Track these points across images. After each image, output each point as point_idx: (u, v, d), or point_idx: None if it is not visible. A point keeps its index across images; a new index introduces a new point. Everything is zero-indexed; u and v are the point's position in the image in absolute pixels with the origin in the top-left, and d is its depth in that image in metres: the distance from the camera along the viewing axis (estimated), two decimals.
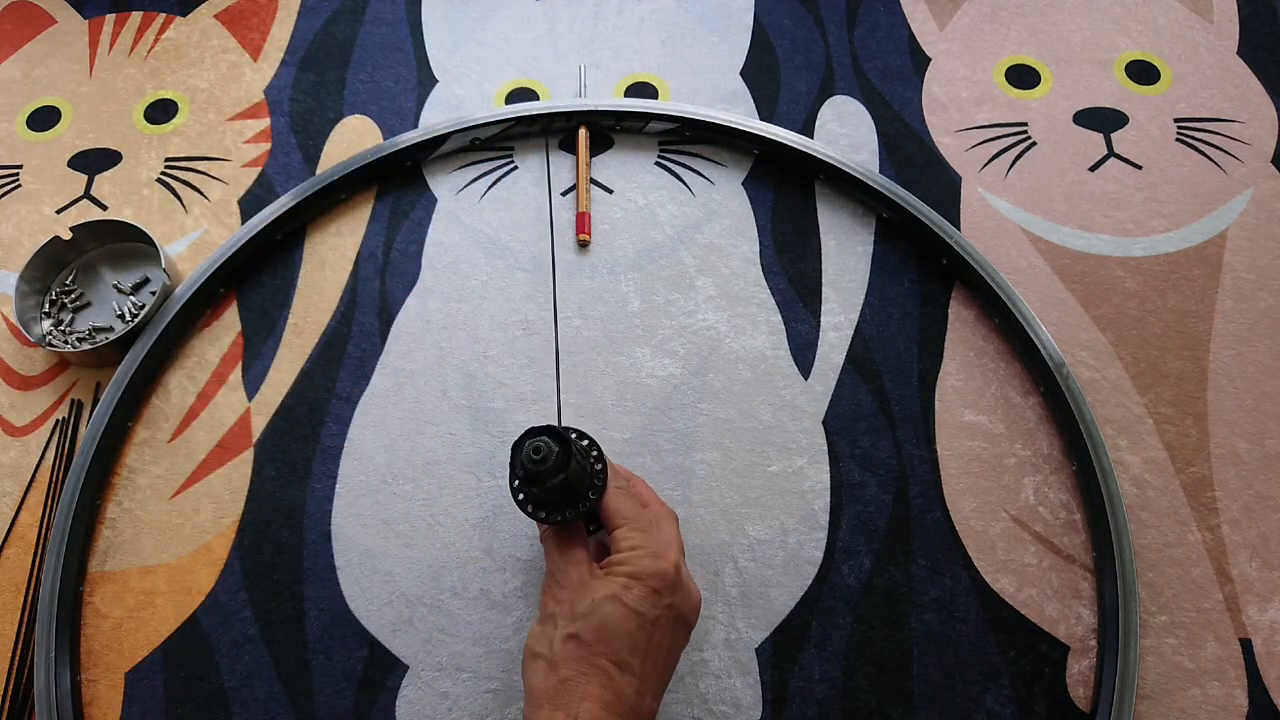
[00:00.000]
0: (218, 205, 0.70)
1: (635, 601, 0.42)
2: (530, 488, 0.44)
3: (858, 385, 0.61)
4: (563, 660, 0.41)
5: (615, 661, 0.41)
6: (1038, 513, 0.57)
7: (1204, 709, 0.51)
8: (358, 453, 0.60)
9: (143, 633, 0.55)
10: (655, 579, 0.43)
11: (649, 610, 0.42)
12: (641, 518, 0.46)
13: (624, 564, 0.43)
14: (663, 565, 0.43)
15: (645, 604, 0.42)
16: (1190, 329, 0.63)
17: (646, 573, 0.43)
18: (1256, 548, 0.55)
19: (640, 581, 0.42)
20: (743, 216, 0.68)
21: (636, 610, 0.42)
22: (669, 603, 0.43)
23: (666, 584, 0.43)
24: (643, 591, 0.42)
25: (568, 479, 0.43)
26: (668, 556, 0.44)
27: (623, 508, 0.46)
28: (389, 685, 0.53)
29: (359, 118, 0.74)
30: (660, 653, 0.43)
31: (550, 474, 0.42)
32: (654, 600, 0.42)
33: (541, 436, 0.43)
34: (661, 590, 0.43)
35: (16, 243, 0.69)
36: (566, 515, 0.45)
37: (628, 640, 0.41)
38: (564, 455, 0.43)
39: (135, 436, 0.61)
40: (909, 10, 0.80)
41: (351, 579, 0.56)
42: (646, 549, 0.44)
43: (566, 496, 0.45)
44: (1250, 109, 0.73)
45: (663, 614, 0.43)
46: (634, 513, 0.46)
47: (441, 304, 0.65)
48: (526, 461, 0.42)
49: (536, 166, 0.71)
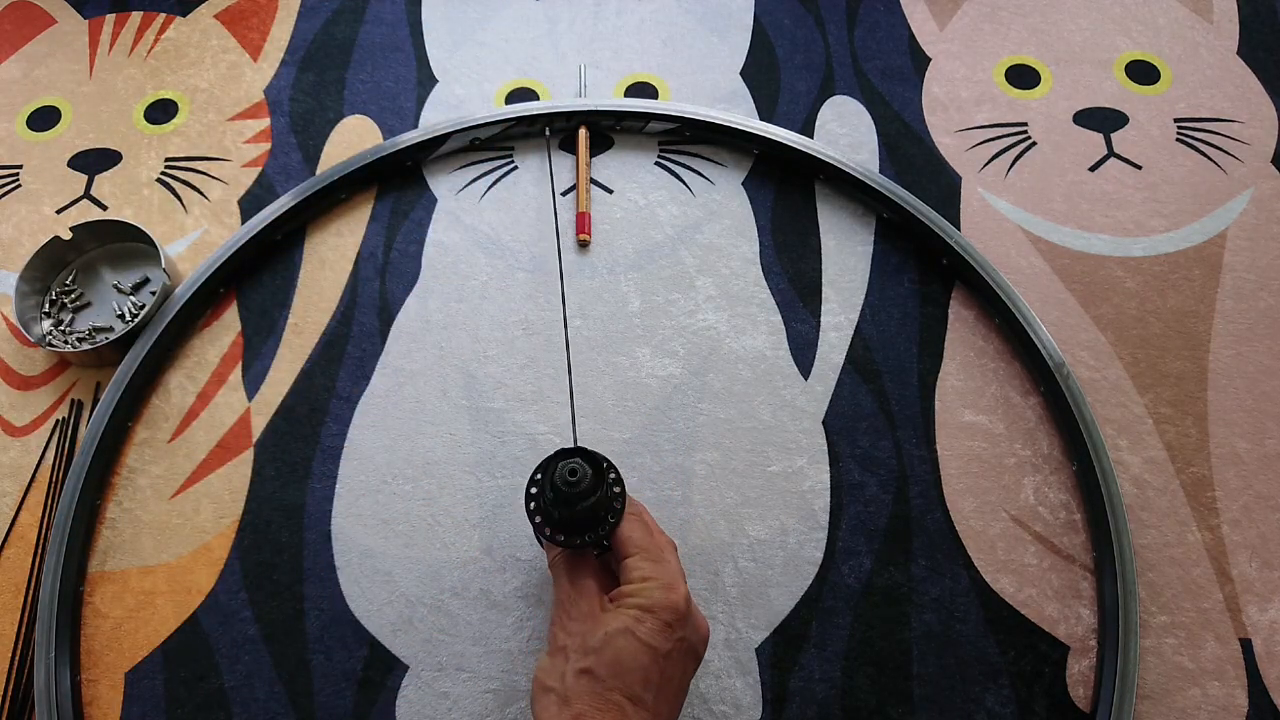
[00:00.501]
0: (218, 205, 0.70)
1: (648, 635, 0.41)
2: (560, 509, 0.43)
3: (858, 385, 0.61)
4: (575, 695, 0.41)
5: (629, 696, 0.40)
6: (1038, 513, 0.57)
7: (1204, 709, 0.51)
8: (358, 453, 0.60)
9: (143, 633, 0.55)
10: (667, 612, 0.42)
11: (661, 644, 0.42)
12: (652, 547, 0.45)
13: (635, 595, 0.43)
14: (674, 598, 0.43)
15: (658, 638, 0.42)
16: (1190, 329, 0.63)
17: (659, 605, 0.42)
18: (1256, 548, 0.55)
19: (653, 615, 0.42)
20: (743, 216, 0.68)
21: (649, 644, 0.41)
22: (680, 636, 0.42)
23: (678, 617, 0.42)
24: (655, 625, 0.42)
25: (595, 503, 0.43)
26: (678, 589, 0.43)
27: (634, 535, 0.45)
28: (389, 685, 0.53)
29: (359, 118, 0.74)
30: (672, 685, 0.42)
31: (583, 497, 0.42)
32: (666, 634, 0.42)
33: (575, 459, 0.42)
34: (673, 624, 0.42)
35: (16, 243, 0.69)
36: (586, 540, 0.44)
37: (641, 675, 0.41)
38: (597, 478, 0.42)
39: (135, 436, 0.61)
40: (909, 10, 0.80)
41: (351, 579, 0.56)
42: (659, 581, 0.43)
43: (588, 521, 0.44)
44: (1250, 109, 0.73)
45: (675, 647, 0.42)
46: (646, 542, 0.45)
47: (441, 304, 0.65)
48: (560, 483, 0.42)
49: (536, 166, 0.71)
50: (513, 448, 0.60)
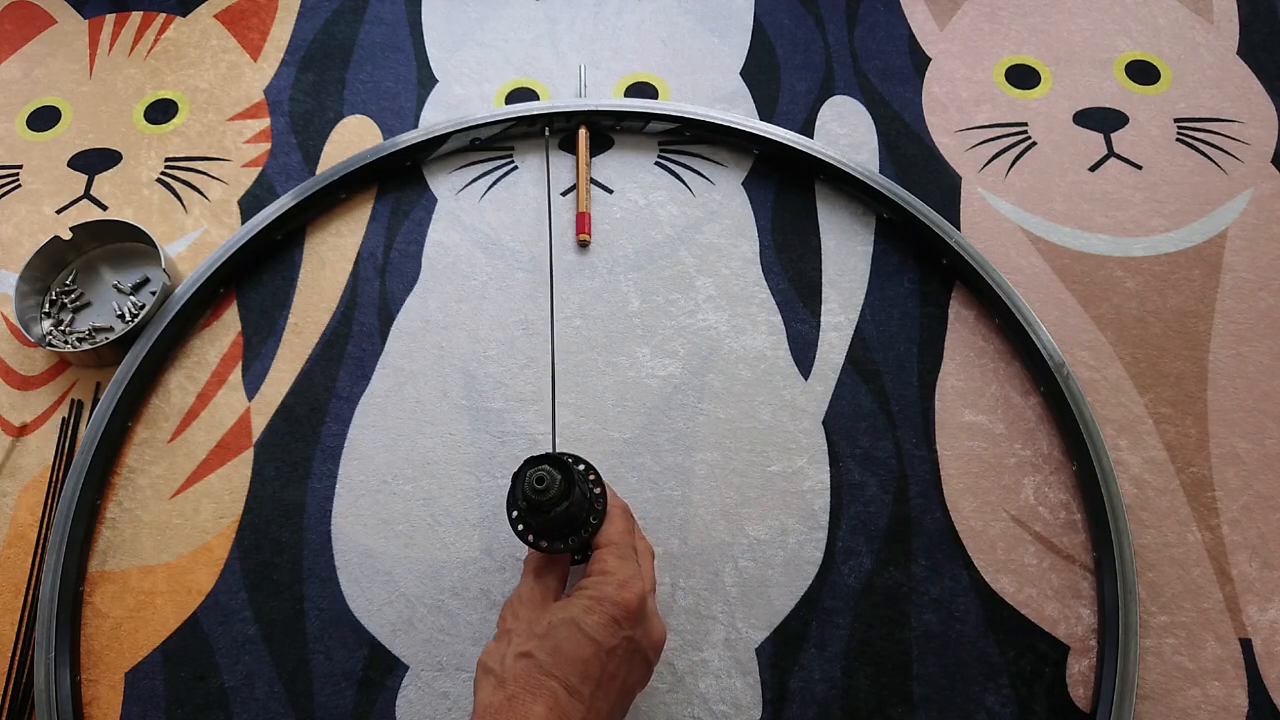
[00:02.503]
0: (218, 205, 0.70)
1: (592, 628, 0.41)
2: (533, 518, 0.43)
3: (858, 385, 0.61)
4: (512, 677, 0.40)
5: (565, 685, 0.40)
6: (1038, 513, 0.57)
7: (1204, 709, 0.51)
8: (358, 453, 0.60)
9: (143, 633, 0.55)
10: (616, 607, 0.42)
11: (605, 639, 0.41)
12: (625, 544, 0.45)
13: (588, 588, 0.43)
14: (626, 595, 0.42)
15: (602, 631, 0.41)
16: (1190, 329, 0.63)
17: (609, 600, 0.42)
18: (1256, 548, 0.55)
19: (601, 607, 0.42)
20: (743, 216, 0.68)
21: (592, 637, 0.41)
22: (627, 634, 0.42)
23: (628, 614, 0.42)
24: (602, 618, 0.41)
25: (570, 508, 0.43)
26: (632, 586, 0.43)
27: (610, 531, 0.45)
28: (389, 685, 0.53)
29: (359, 118, 0.74)
30: (614, 684, 0.42)
31: (553, 503, 0.42)
32: (612, 629, 0.41)
33: (543, 466, 0.42)
34: (621, 620, 0.41)
35: (16, 243, 0.69)
36: (569, 544, 0.45)
37: (581, 666, 0.40)
38: (567, 483, 0.42)
39: (135, 436, 0.61)
40: (909, 10, 0.80)
41: (351, 579, 0.56)
42: (616, 576, 0.43)
43: (567, 524, 0.44)
44: (1250, 109, 0.73)
45: (620, 645, 0.41)
46: (620, 538, 0.45)
47: (441, 304, 0.65)
48: (529, 491, 0.42)
49: (536, 166, 0.71)
50: (513, 448, 0.60)
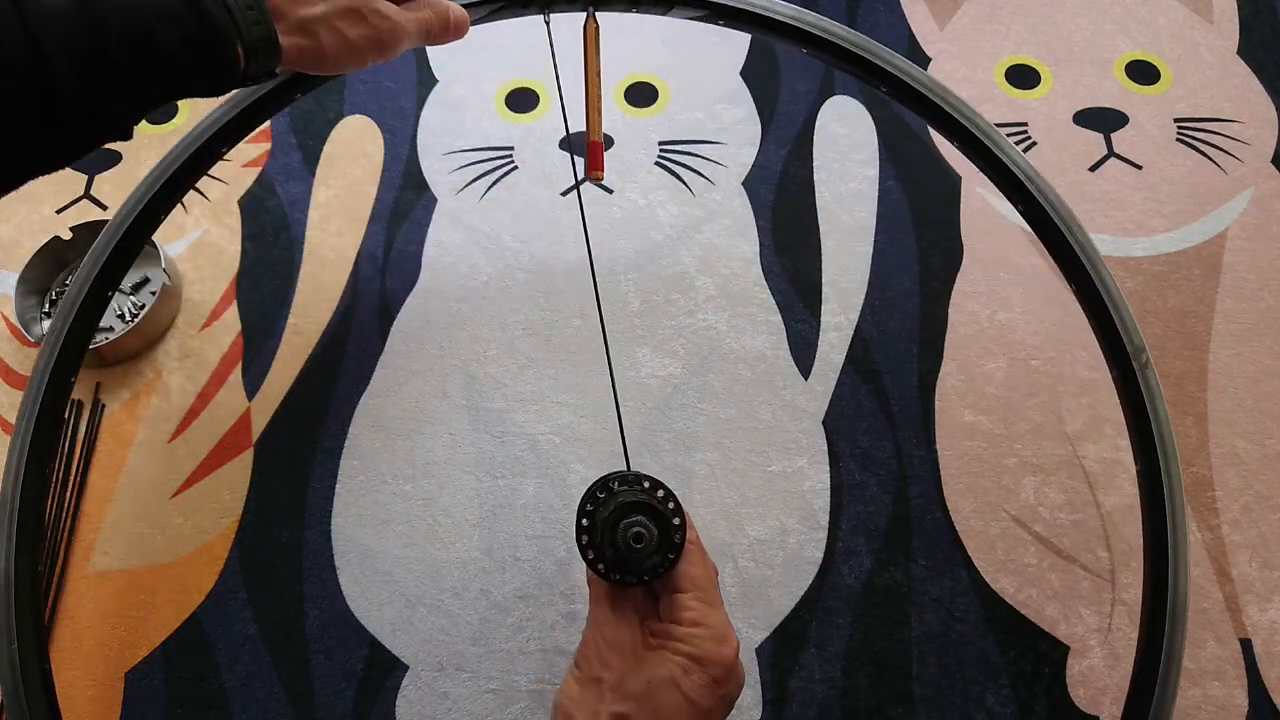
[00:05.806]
0: (218, 205, 0.70)
1: (693, 690, 0.39)
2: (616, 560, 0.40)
3: (858, 385, 0.61)
4: None
5: None
6: (1038, 513, 0.57)
7: (1204, 709, 0.51)
8: (358, 453, 0.60)
9: (143, 633, 0.55)
10: (717, 667, 0.39)
11: (705, 700, 0.39)
12: (711, 587, 0.42)
13: (685, 642, 0.40)
14: (725, 653, 0.39)
15: (703, 694, 0.39)
16: (1190, 329, 0.63)
17: (709, 659, 0.39)
18: (1256, 548, 0.55)
19: (701, 668, 0.39)
20: (743, 216, 0.68)
21: (693, 700, 0.39)
22: (724, 692, 0.40)
23: (726, 673, 0.40)
24: (703, 679, 0.39)
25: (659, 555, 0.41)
26: (731, 641, 0.40)
27: (690, 571, 0.42)
28: (389, 685, 0.53)
29: (359, 118, 0.74)
30: None
31: (646, 557, 0.40)
32: (712, 689, 0.39)
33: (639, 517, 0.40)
34: (720, 680, 0.39)
35: (16, 243, 0.69)
36: (644, 579, 0.41)
37: None
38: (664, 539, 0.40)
39: (135, 436, 0.61)
40: (909, 10, 0.80)
41: (351, 579, 0.56)
42: (712, 630, 0.40)
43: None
44: (1250, 109, 0.73)
45: (717, 705, 0.39)
46: (704, 580, 0.42)
47: (441, 304, 0.65)
48: (624, 547, 0.40)
49: (537, 166, 0.71)
50: (513, 448, 0.60)
